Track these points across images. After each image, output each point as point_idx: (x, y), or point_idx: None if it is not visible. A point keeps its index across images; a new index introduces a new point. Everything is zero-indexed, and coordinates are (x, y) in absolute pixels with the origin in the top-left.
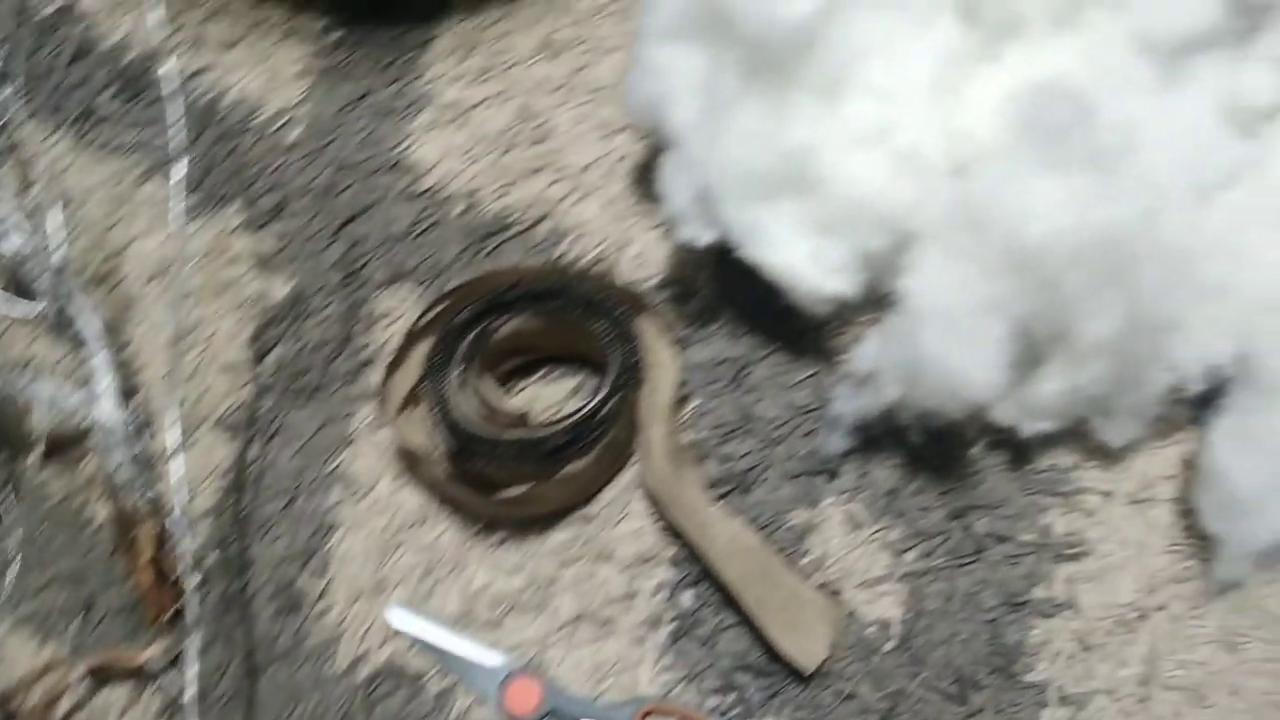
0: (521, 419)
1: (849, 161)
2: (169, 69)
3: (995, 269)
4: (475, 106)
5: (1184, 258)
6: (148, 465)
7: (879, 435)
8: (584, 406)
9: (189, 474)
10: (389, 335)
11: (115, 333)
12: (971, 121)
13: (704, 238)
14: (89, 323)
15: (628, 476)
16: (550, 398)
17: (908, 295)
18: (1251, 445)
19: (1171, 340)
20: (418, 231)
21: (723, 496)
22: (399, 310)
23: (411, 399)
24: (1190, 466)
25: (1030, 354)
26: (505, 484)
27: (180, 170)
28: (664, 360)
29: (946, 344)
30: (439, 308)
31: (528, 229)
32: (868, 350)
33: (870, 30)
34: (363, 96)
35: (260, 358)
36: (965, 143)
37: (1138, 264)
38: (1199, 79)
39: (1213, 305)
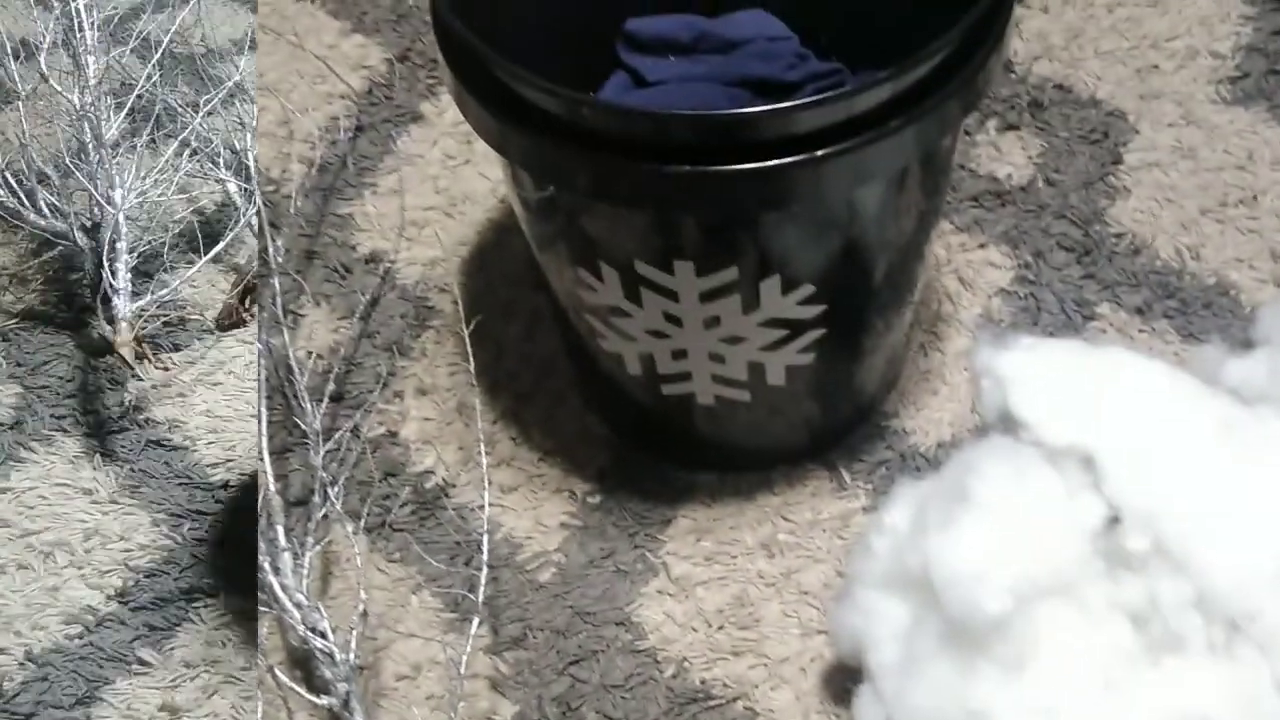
0: None
1: None
2: (460, 501)
3: None
4: (699, 584)
5: None
6: None
7: None
8: None
9: None
10: None
11: None
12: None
13: None
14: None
15: None
16: None
17: None
18: None
19: None
20: (631, 684)
21: None
22: None
23: None
24: None
25: None
26: None
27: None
28: None
29: None
30: None
31: (725, 704)
32: None
33: (1052, 621)
34: (608, 555)
35: None
36: None
37: None
38: None
39: None
